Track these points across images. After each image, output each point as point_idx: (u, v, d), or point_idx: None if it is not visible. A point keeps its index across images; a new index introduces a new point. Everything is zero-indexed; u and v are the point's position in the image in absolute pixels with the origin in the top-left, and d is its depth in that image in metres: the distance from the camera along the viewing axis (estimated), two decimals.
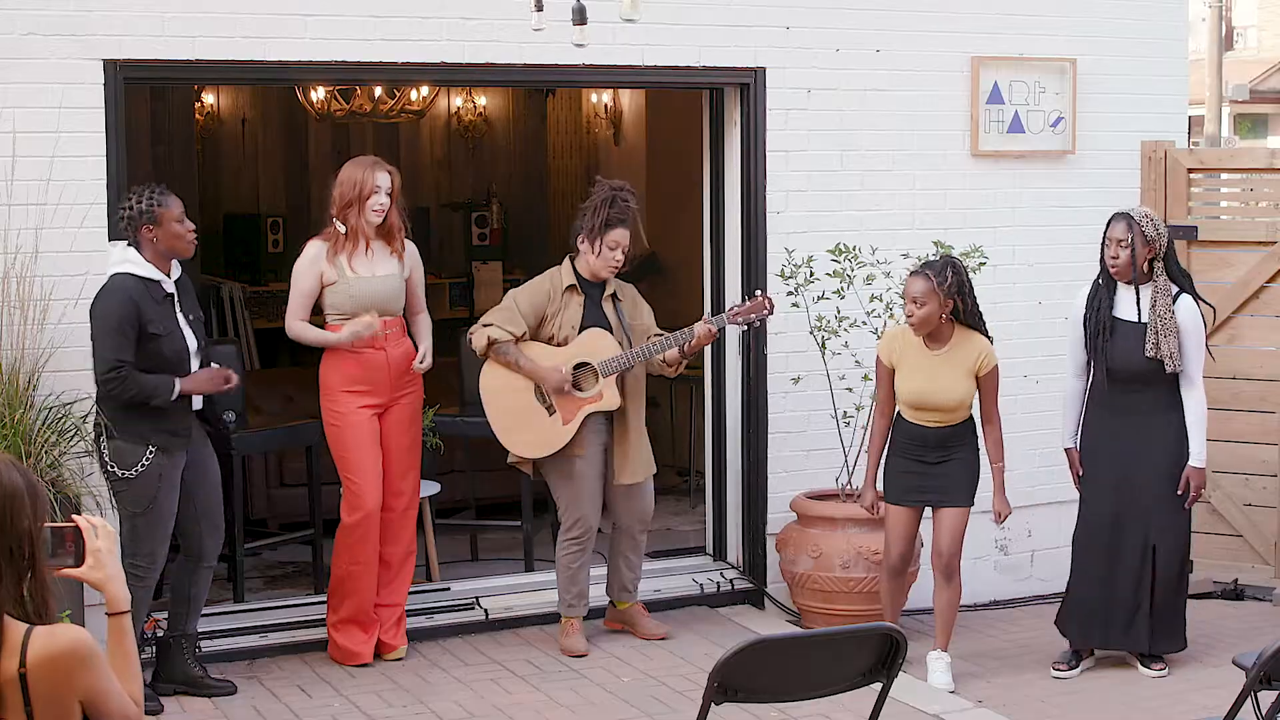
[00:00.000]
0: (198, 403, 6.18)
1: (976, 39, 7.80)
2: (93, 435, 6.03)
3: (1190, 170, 8.07)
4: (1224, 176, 8.50)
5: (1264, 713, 4.47)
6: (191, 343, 6.11)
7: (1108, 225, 6.60)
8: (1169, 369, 6.49)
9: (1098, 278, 6.68)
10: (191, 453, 6.15)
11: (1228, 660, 5.26)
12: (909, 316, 6.42)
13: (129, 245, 6.01)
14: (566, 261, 6.81)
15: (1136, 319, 6.55)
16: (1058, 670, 6.74)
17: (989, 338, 6.53)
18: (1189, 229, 8.01)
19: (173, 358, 6.01)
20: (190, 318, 6.15)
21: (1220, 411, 7.98)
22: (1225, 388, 7.97)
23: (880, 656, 4.10)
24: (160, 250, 6.00)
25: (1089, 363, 6.70)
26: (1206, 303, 6.80)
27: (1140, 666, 6.72)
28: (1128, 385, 6.59)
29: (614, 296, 6.81)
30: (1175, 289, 6.57)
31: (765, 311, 6.76)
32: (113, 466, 5.98)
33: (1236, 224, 8.36)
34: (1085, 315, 6.67)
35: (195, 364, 6.14)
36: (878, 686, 4.15)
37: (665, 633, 6.98)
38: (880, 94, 7.63)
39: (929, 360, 6.47)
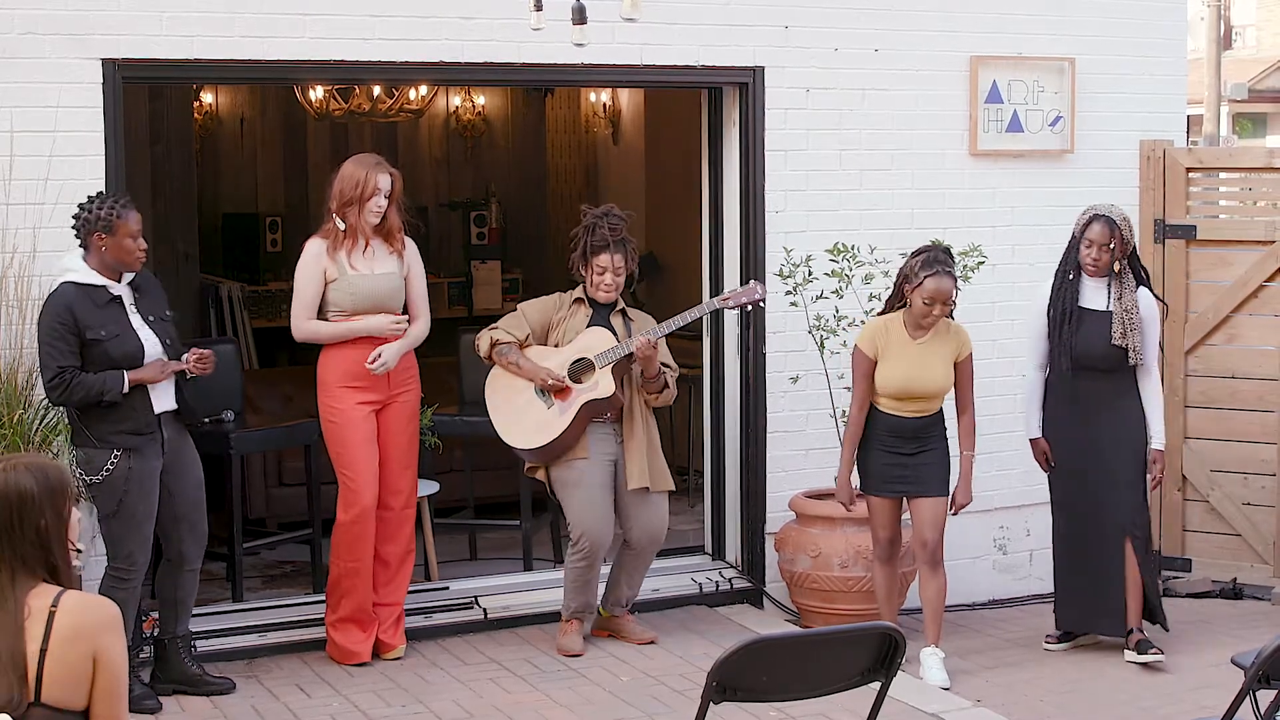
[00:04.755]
0: (169, 402, 6.10)
1: (975, 38, 7.80)
2: (64, 442, 5.98)
3: (1189, 169, 8.08)
4: (1222, 176, 8.51)
5: (1262, 712, 4.47)
6: (151, 343, 6.01)
7: (1086, 225, 6.74)
8: (1131, 361, 6.69)
9: (1066, 272, 6.82)
10: (170, 454, 6.10)
11: (1226, 659, 5.26)
12: (934, 318, 6.45)
13: (81, 245, 5.94)
14: (580, 285, 6.85)
15: (1100, 308, 6.72)
16: (1049, 643, 6.98)
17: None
18: (1187, 228, 8.02)
19: (123, 360, 5.92)
20: (151, 318, 6.07)
21: (1219, 410, 7.99)
22: (1224, 387, 7.98)
23: (879, 656, 4.10)
24: (107, 261, 5.91)
25: (1049, 355, 6.85)
26: (1161, 300, 7.02)
27: (1137, 654, 6.75)
28: (1090, 373, 6.75)
29: (624, 313, 6.84)
30: (1135, 284, 6.77)
31: (757, 296, 6.80)
32: (80, 473, 5.91)
33: (1235, 223, 8.36)
34: (1049, 306, 6.81)
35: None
36: (876, 686, 4.15)
37: (652, 637, 6.95)
38: (879, 93, 7.63)
39: (914, 349, 6.52)
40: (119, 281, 5.99)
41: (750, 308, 7.10)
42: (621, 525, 6.85)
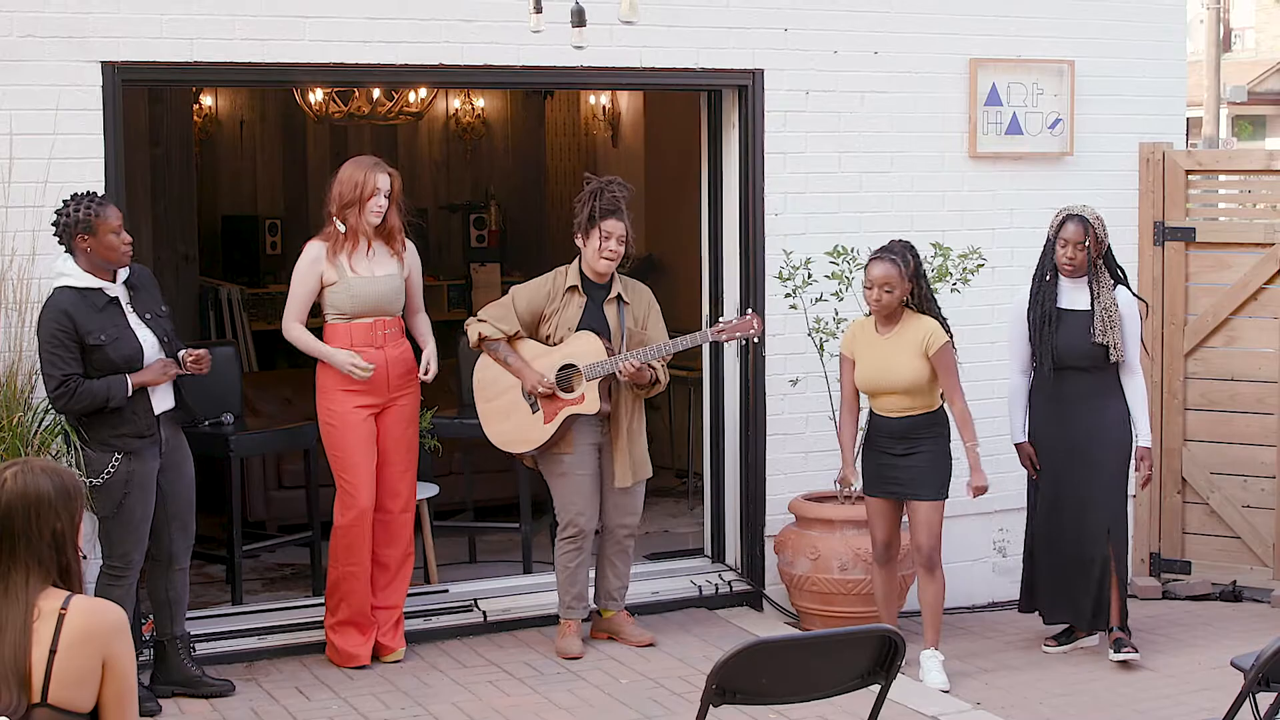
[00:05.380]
0: (168, 402, 6.11)
1: (974, 41, 7.80)
2: (62, 445, 5.95)
3: (1188, 172, 8.08)
4: (1222, 178, 8.51)
5: (1262, 714, 4.47)
6: (149, 342, 6.03)
7: (1060, 226, 6.80)
8: (1113, 358, 6.75)
9: (1043, 275, 6.87)
10: (167, 455, 6.11)
11: (1226, 662, 5.27)
12: (875, 302, 6.48)
13: (67, 252, 5.94)
14: (575, 262, 6.82)
15: (1079, 308, 6.77)
16: (1048, 646, 7.02)
17: (943, 322, 6.61)
18: (1187, 230, 8.02)
19: (123, 362, 5.93)
20: (148, 315, 6.08)
21: (1218, 413, 7.99)
22: (1223, 389, 7.97)
23: (878, 658, 4.10)
24: (95, 260, 5.92)
25: (1032, 358, 6.90)
26: (1140, 297, 7.05)
27: (1111, 651, 6.79)
28: (1072, 372, 6.80)
29: (619, 299, 6.81)
30: (1113, 283, 6.82)
31: (751, 331, 6.74)
32: (81, 475, 5.90)
33: (1234, 225, 8.37)
34: (1029, 309, 6.86)
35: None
36: (876, 688, 4.15)
37: (651, 639, 6.95)
38: (878, 96, 7.64)
39: (880, 344, 6.57)
40: (113, 281, 5.99)
41: (745, 342, 7.09)
42: (601, 514, 6.84)
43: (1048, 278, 6.84)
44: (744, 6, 7.34)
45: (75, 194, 5.98)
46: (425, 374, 6.70)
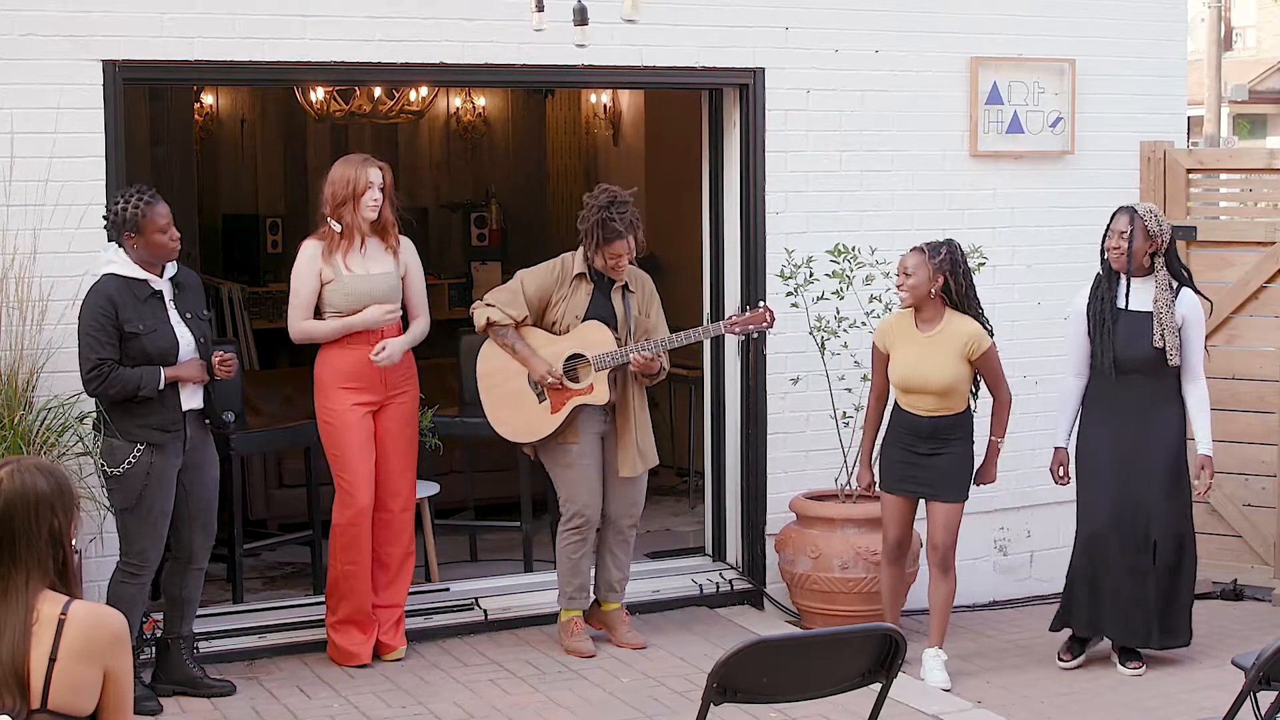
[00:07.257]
0: (196, 401, 6.14)
1: (975, 39, 7.80)
2: (90, 433, 6.01)
3: (1189, 170, 8.09)
4: (1223, 177, 8.52)
5: (1263, 713, 4.47)
6: (185, 339, 6.07)
7: (1112, 218, 6.69)
8: (1171, 362, 6.55)
9: (1098, 272, 6.74)
10: (191, 454, 6.13)
11: (1227, 660, 5.27)
12: (899, 288, 6.48)
13: (116, 244, 6.00)
14: (579, 250, 6.79)
15: (1140, 309, 6.60)
16: (1063, 660, 6.81)
17: (987, 326, 6.55)
18: (1188, 229, 8.02)
19: (157, 355, 5.97)
20: (189, 315, 6.13)
21: (1219, 412, 7.96)
22: (1224, 388, 7.97)
23: (879, 657, 4.10)
24: (142, 255, 5.98)
25: (1089, 360, 6.72)
26: (1205, 297, 6.84)
27: (1119, 665, 6.73)
28: (1131, 375, 6.62)
29: (625, 287, 6.81)
30: (1176, 284, 6.63)
31: (764, 324, 6.75)
32: (102, 464, 5.97)
33: (1235, 224, 8.37)
34: (1089, 306, 6.71)
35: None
36: (877, 687, 4.15)
37: (643, 643, 6.91)
38: (879, 94, 7.64)
39: (918, 341, 6.52)
40: (160, 275, 6.04)
41: (756, 335, 7.08)
42: (604, 504, 6.83)
43: (1103, 275, 6.69)
44: (745, 5, 7.34)
45: (125, 189, 6.04)
46: (375, 354, 6.49)
